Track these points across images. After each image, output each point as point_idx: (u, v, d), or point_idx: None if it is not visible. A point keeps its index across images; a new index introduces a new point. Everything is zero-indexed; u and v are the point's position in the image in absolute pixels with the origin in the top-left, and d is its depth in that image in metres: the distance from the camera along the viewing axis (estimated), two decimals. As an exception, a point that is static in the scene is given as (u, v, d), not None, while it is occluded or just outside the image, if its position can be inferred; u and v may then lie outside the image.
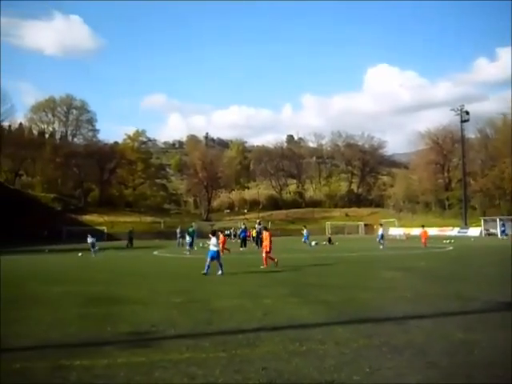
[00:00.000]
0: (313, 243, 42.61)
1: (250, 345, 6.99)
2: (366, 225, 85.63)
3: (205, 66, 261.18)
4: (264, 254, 20.62)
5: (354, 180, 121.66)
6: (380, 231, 36.67)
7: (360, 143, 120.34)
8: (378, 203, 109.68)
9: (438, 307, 10.01)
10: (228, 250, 31.41)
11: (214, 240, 17.57)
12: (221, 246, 31.99)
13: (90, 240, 34.52)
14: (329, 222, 79.87)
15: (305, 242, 40.47)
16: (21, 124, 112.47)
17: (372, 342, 7.04)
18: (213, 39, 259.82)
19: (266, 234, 21.79)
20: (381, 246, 34.34)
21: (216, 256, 17.26)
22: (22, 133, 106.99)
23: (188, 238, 35.62)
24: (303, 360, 6.17)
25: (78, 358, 6.40)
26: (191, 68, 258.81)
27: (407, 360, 6.18)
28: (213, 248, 17.30)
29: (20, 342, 7.49)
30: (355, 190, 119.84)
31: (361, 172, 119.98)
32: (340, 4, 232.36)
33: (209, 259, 17.15)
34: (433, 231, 65.85)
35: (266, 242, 21.14)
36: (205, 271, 16.81)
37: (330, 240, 45.41)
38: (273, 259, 20.46)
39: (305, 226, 45.16)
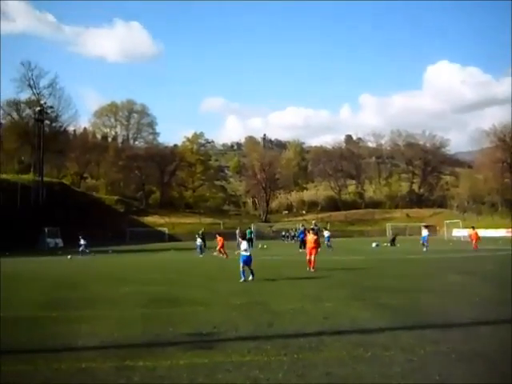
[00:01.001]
0: (373, 245, 41.88)
1: (312, 349, 6.87)
2: (428, 226, 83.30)
3: (262, 68, 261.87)
4: (312, 257, 19.42)
5: (415, 180, 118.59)
6: (424, 233, 35.02)
7: (421, 142, 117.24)
8: (441, 204, 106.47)
9: (507, 313, 9.54)
10: (226, 254, 30.97)
11: (244, 244, 16.72)
12: (218, 247, 31.76)
13: (82, 242, 36.04)
14: (389, 224, 78.29)
15: (327, 245, 37.52)
16: (85, 129, 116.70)
17: (439, 349, 6.76)
18: (268, 40, 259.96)
19: (311, 237, 20.50)
20: (424, 249, 33.02)
21: (248, 261, 16.20)
22: (86, 137, 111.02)
23: (199, 241, 34.93)
24: (368, 366, 5.99)
25: (141, 359, 6.48)
26: (248, 70, 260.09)
27: (477, 368, 5.90)
28: (244, 253, 16.26)
29: (86, 342, 7.67)
30: (416, 190, 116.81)
31: (422, 172, 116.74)
32: (396, 3, 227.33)
33: (242, 264, 16.23)
34: (501, 233, 63.45)
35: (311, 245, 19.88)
36: (242, 279, 15.92)
37: (393, 241, 44.25)
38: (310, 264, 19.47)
39: (325, 228, 43.70)
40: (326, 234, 39.86)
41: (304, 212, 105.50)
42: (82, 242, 36.08)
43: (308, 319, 9.13)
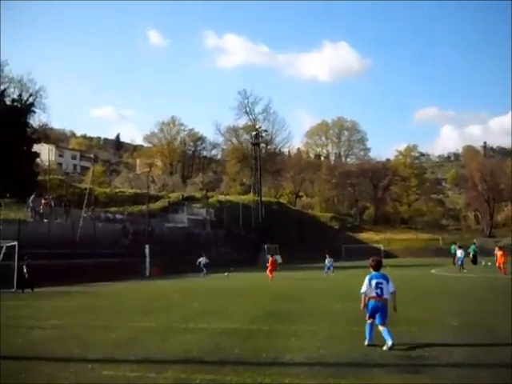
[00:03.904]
0: None
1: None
2: None
3: (474, 70, 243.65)
4: None
5: None
6: None
7: None
8: None
9: None
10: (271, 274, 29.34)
11: (369, 281, 8.71)
12: (268, 269, 29.79)
13: (202, 261, 34.82)
14: None
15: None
16: (298, 149, 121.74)
17: None
18: (480, 41, 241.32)
19: None
20: None
21: (380, 311, 8.52)
22: (300, 157, 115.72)
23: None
24: None
25: (344, 379, 6.26)
26: (459, 75, 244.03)
27: None
28: (372, 294, 8.62)
29: (293, 357, 7.67)
30: None
31: None
32: None
33: (368, 315, 8.70)
34: None
35: None
36: (367, 341, 8.55)
37: None
38: None
39: (460, 247, 37.09)
40: (459, 253, 34.66)
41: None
42: (203, 260, 35.46)
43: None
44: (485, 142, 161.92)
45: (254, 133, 77.76)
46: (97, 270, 33.17)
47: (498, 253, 31.00)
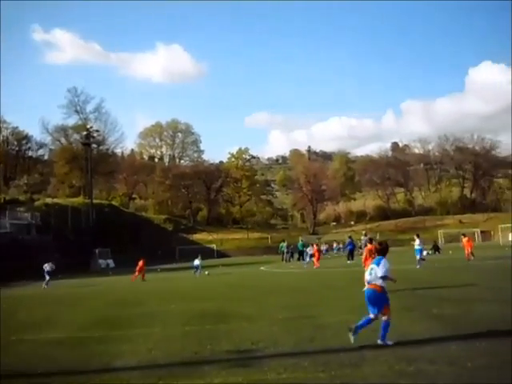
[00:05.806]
0: (424, 253, 40.71)
1: (352, 365, 6.53)
2: (482, 231, 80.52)
3: (302, 79, 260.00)
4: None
5: (466, 185, 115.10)
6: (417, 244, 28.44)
7: (470, 146, 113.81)
8: (495, 208, 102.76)
9: None
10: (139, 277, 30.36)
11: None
12: (137, 272, 30.84)
13: (47, 268, 29.04)
14: (441, 231, 76.12)
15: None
16: (132, 150, 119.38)
17: (491, 362, 6.30)
18: (306, 51, 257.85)
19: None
20: (418, 265, 26.54)
21: (370, 300, 7.90)
22: (133, 159, 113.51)
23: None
24: (410, 381, 5.64)
25: (175, 378, 6.36)
26: (289, 83, 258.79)
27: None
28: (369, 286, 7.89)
29: (124, 362, 7.59)
30: (468, 195, 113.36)
31: (473, 176, 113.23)
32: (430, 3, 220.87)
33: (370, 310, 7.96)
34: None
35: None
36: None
37: (436, 248, 42.62)
38: None
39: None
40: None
41: (352, 223, 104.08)
42: (48, 267, 29.12)
43: (352, 333, 8.77)
44: (309, 146, 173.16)
45: (84, 133, 74.48)
46: None
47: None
